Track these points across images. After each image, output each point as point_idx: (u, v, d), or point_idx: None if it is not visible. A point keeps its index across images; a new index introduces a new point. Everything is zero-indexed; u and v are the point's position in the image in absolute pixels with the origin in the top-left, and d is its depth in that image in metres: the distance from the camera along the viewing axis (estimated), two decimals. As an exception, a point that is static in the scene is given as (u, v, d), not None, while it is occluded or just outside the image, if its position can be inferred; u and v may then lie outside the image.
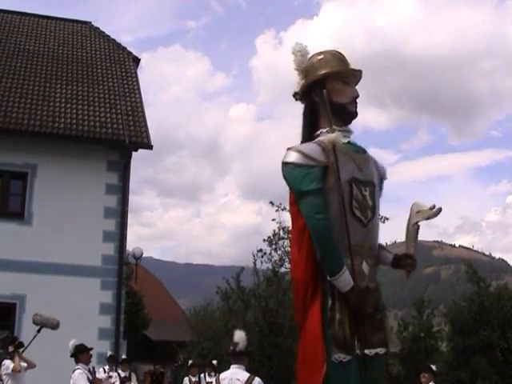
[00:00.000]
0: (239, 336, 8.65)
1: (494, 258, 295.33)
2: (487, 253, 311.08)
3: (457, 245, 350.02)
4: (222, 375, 8.58)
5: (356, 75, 4.56)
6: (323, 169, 4.18)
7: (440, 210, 4.40)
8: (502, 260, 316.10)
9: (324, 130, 4.34)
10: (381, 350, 4.22)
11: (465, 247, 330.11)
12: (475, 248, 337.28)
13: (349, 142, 4.44)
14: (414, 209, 4.45)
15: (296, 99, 4.62)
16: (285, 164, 4.25)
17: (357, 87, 4.53)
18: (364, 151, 4.52)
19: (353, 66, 4.58)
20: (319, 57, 4.52)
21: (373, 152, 4.61)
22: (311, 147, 4.26)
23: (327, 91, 4.35)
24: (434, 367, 14.38)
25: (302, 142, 4.43)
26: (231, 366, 8.56)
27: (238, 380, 8.30)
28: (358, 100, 4.47)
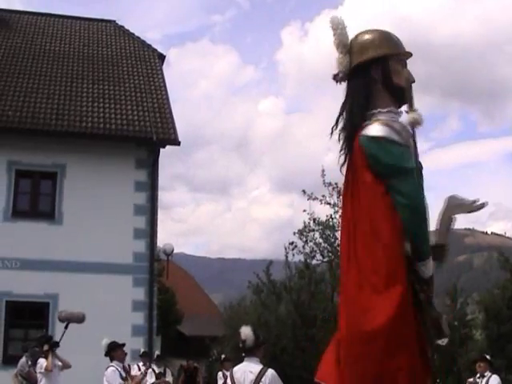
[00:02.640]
0: (245, 333, 8.60)
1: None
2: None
3: (489, 232, 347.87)
4: (235, 368, 8.56)
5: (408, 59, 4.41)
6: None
7: (483, 204, 4.25)
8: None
9: (384, 110, 4.09)
10: (443, 341, 4.13)
11: (497, 234, 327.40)
12: (508, 235, 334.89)
13: None
14: (451, 202, 4.30)
15: (337, 80, 4.22)
16: (376, 138, 3.89)
17: None
18: None
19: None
20: (378, 34, 4.32)
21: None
22: (402, 126, 4.00)
23: (388, 71, 4.20)
24: (488, 357, 14.33)
25: (354, 122, 4.17)
26: (244, 359, 8.55)
27: (251, 372, 8.27)
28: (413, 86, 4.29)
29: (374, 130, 3.91)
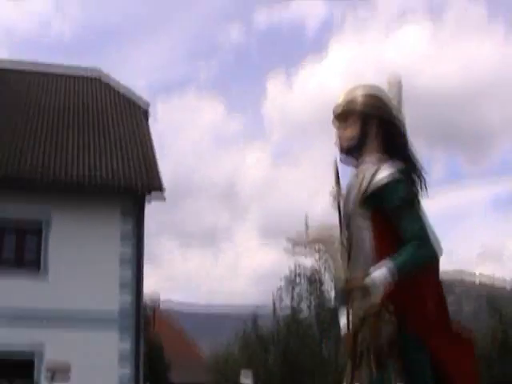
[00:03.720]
0: (246, 374, 8.56)
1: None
2: (509, 281, 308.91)
3: (477, 275, 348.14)
4: None
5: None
6: None
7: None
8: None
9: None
10: None
11: (485, 277, 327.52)
12: (497, 277, 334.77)
13: None
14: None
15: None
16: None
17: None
18: None
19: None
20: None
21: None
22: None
23: None
24: None
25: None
26: None
27: None
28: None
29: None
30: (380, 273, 3.70)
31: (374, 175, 3.96)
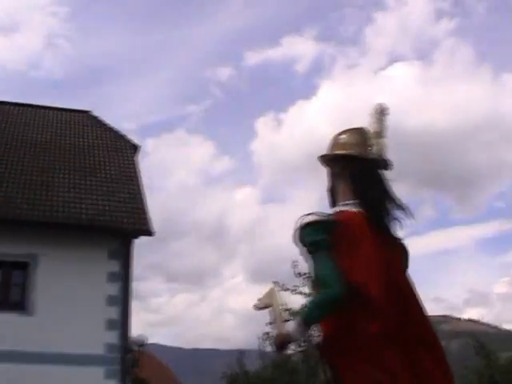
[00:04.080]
0: None
1: (501, 330, 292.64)
2: (495, 325, 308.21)
3: (465, 318, 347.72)
4: None
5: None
6: None
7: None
8: (511, 331, 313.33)
9: None
10: None
11: (472, 320, 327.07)
12: (484, 320, 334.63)
13: None
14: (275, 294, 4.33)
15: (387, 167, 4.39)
16: None
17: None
18: None
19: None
20: None
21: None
22: None
23: None
24: None
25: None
26: None
27: None
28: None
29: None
30: (292, 326, 3.86)
31: (296, 225, 4.04)
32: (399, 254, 4.19)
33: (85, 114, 29.48)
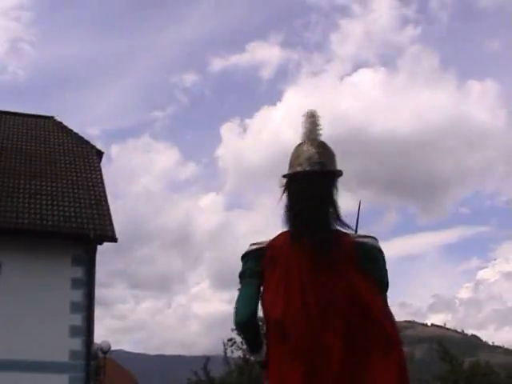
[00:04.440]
0: None
1: (466, 335, 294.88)
2: (460, 330, 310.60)
3: (429, 323, 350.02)
4: None
5: None
6: None
7: None
8: (475, 336, 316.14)
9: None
10: None
11: (437, 325, 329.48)
12: (449, 325, 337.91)
13: None
14: None
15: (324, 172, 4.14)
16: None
17: None
18: None
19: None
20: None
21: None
22: None
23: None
24: None
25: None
26: None
27: None
28: None
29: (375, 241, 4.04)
30: None
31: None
32: (336, 263, 3.91)
33: (49, 119, 29.31)
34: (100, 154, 27.41)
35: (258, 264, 3.99)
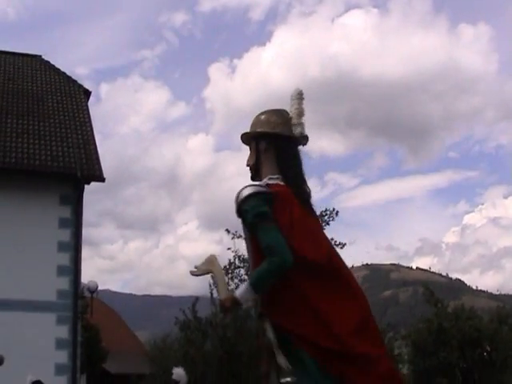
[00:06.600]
0: (178, 374, 8.66)
1: (451, 279, 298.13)
2: (445, 274, 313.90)
3: (414, 267, 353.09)
4: None
5: None
6: None
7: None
8: (459, 280, 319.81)
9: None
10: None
11: (422, 269, 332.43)
12: (434, 269, 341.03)
13: None
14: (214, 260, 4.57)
15: (305, 144, 4.75)
16: None
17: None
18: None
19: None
20: None
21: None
22: None
23: None
24: None
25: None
26: None
27: None
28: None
29: None
30: (240, 290, 4.23)
31: (237, 197, 4.34)
32: (320, 225, 4.63)
33: (36, 58, 29.00)
34: (88, 93, 27.21)
35: (270, 207, 4.23)
